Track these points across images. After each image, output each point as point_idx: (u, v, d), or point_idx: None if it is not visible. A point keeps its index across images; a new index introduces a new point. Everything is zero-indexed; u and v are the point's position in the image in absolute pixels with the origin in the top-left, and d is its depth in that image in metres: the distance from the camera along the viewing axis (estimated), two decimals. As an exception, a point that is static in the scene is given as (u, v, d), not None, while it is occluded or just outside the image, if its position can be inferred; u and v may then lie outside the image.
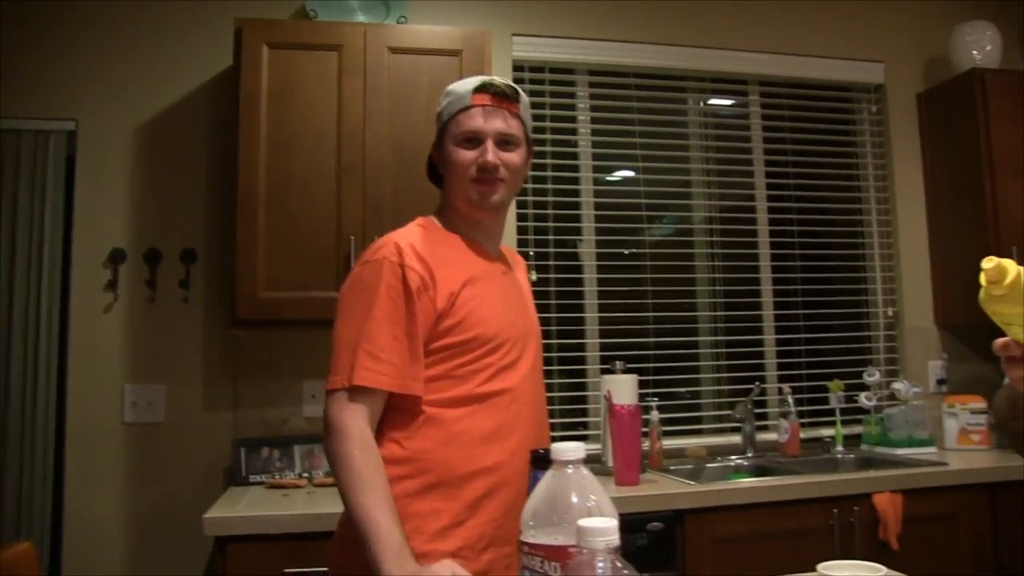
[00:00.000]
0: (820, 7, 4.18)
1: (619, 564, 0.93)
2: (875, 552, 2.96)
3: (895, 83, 4.26)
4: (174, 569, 3.17)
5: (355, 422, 1.67)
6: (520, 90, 1.90)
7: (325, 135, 3.09)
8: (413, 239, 1.80)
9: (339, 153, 3.08)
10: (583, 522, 0.94)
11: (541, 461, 1.12)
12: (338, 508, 2.46)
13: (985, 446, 3.68)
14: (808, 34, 4.14)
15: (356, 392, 1.68)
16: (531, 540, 1.06)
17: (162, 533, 3.20)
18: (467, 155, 1.82)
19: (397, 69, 3.16)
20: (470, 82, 1.86)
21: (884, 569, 1.49)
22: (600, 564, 0.92)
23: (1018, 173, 3.79)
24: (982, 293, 1.17)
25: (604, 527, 0.93)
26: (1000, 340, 1.23)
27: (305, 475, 3.22)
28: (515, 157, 1.86)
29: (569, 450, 1.11)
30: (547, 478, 1.10)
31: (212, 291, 3.35)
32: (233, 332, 3.22)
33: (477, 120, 1.82)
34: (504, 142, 1.84)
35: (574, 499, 1.07)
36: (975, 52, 3.99)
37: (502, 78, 1.89)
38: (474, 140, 1.83)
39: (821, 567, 1.51)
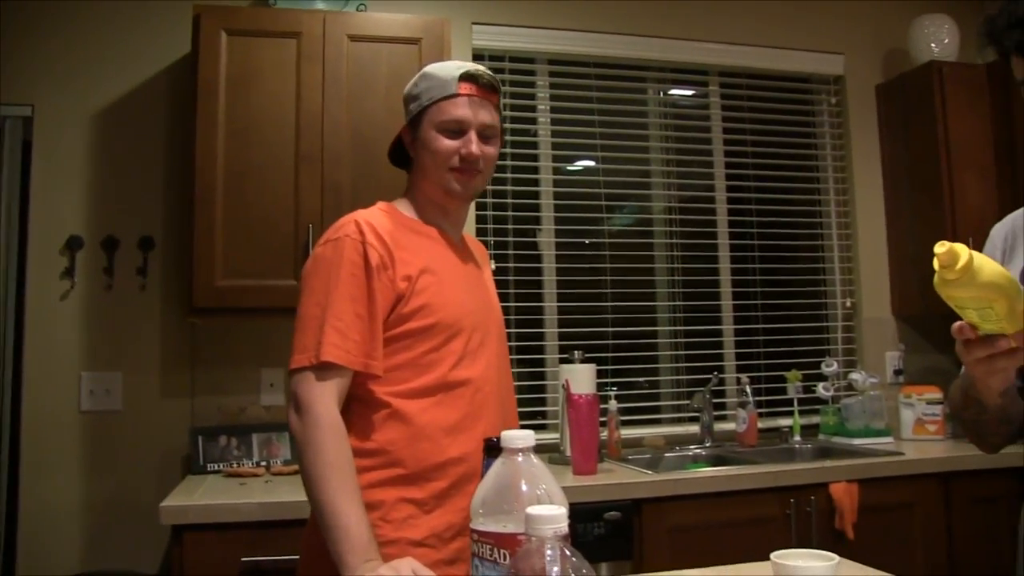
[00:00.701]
0: (777, -1, 4.21)
1: (568, 552, 0.93)
2: (831, 541, 2.99)
3: (854, 75, 4.30)
4: (131, 558, 3.14)
5: (325, 402, 1.65)
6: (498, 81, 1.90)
7: (284, 123, 3.07)
8: (374, 219, 1.79)
9: (297, 141, 3.06)
10: (531, 510, 0.94)
11: (493, 449, 1.12)
12: (296, 496, 2.46)
13: (941, 436, 3.73)
14: (768, 25, 4.16)
15: (323, 370, 1.66)
16: (481, 528, 1.06)
17: (119, 522, 3.17)
18: (450, 144, 1.81)
19: (356, 57, 3.14)
20: (452, 67, 1.84)
21: (837, 558, 1.50)
22: (548, 551, 0.92)
23: (974, 165, 3.84)
24: (936, 278, 1.20)
25: (552, 515, 0.93)
26: (956, 324, 1.26)
27: (263, 464, 3.20)
28: (494, 149, 1.86)
29: (519, 438, 1.10)
30: (496, 466, 1.11)
31: (170, 279, 3.32)
32: (191, 320, 3.20)
33: (463, 110, 1.81)
34: (485, 135, 1.84)
35: (524, 487, 1.07)
36: (933, 45, 4.03)
37: (484, 67, 1.88)
38: (458, 130, 1.81)
39: (774, 556, 1.52)
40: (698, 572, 1.73)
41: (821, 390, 3.87)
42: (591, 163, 3.97)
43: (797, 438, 3.80)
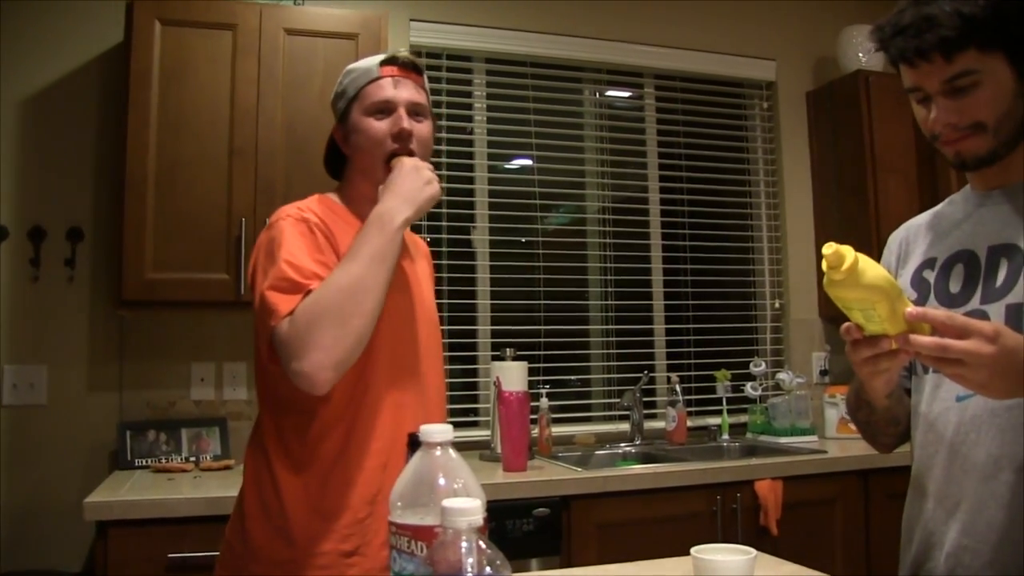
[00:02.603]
0: (715, 5, 4.27)
1: (483, 544, 0.94)
2: (755, 537, 3.05)
3: (786, 81, 4.38)
4: (56, 555, 3.09)
5: None
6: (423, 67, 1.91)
7: (217, 116, 3.04)
8: (312, 206, 1.80)
9: (231, 135, 3.04)
10: (447, 502, 0.95)
11: (415, 444, 1.13)
12: (225, 491, 2.45)
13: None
14: (703, 30, 4.23)
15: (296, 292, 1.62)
16: (398, 520, 1.07)
17: (42, 520, 3.12)
18: (380, 125, 1.80)
19: (292, 51, 3.12)
20: (372, 58, 1.86)
21: (754, 552, 1.54)
22: (464, 543, 0.93)
23: (897, 170, 3.96)
24: (825, 279, 1.25)
25: (468, 507, 0.94)
26: (844, 325, 1.31)
27: (192, 459, 3.17)
28: (425, 128, 1.86)
29: (437, 432, 1.12)
30: (415, 460, 1.12)
31: (99, 271, 3.27)
32: (120, 312, 3.16)
33: (387, 90, 1.81)
34: (415, 112, 1.84)
35: (441, 481, 1.08)
36: (861, 54, 4.13)
37: (405, 52, 1.89)
38: (386, 110, 1.81)
39: (695, 550, 1.56)
40: (620, 568, 1.76)
41: (749, 389, 3.94)
42: (528, 162, 3.99)
43: (725, 436, 3.87)
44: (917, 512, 1.55)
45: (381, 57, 1.85)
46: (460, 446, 3.69)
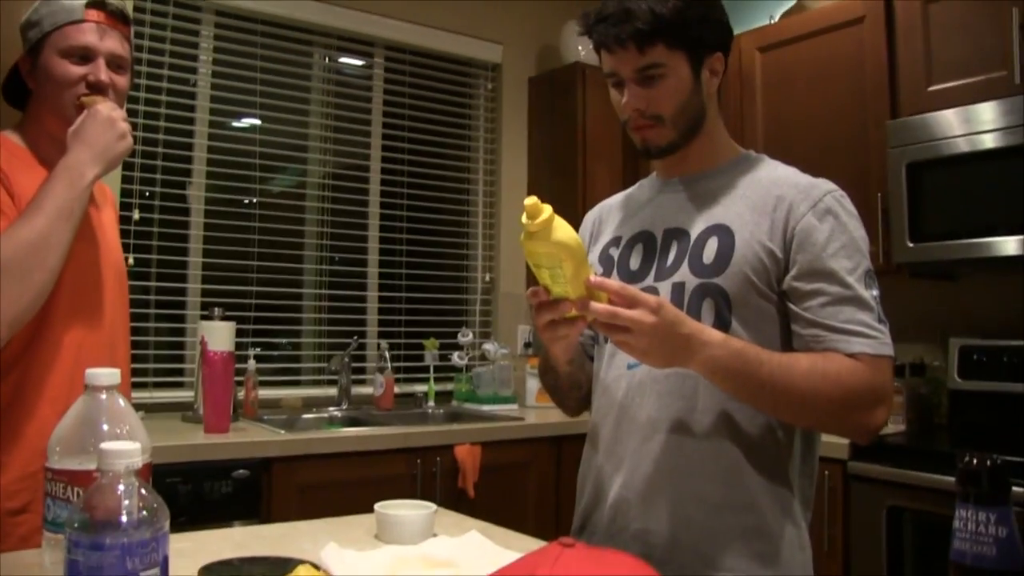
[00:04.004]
0: (448, -18, 4.34)
1: (144, 490, 0.93)
2: (453, 499, 3.17)
3: (511, 65, 4.54)
4: None
5: None
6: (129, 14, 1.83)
7: None
8: None
9: None
10: (104, 444, 0.92)
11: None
12: None
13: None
14: (437, 7, 4.28)
15: None
16: (55, 466, 1.04)
17: None
18: (75, 70, 1.72)
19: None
20: None
21: (434, 506, 1.64)
22: (121, 487, 0.91)
23: (605, 159, 4.24)
24: (523, 233, 1.34)
25: (125, 449, 0.92)
26: (531, 288, 1.43)
27: None
28: (124, 81, 1.79)
29: (103, 375, 1.09)
30: (78, 404, 1.09)
31: None
32: None
33: (89, 36, 1.72)
34: (116, 65, 1.77)
35: (104, 426, 1.06)
36: (580, 47, 4.34)
37: None
38: (84, 56, 1.73)
39: (378, 506, 1.63)
40: (308, 524, 1.81)
41: (456, 358, 4.08)
42: (256, 121, 3.90)
43: (431, 403, 3.99)
44: (588, 467, 1.69)
45: None
46: (163, 407, 3.59)
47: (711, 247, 1.54)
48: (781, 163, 1.65)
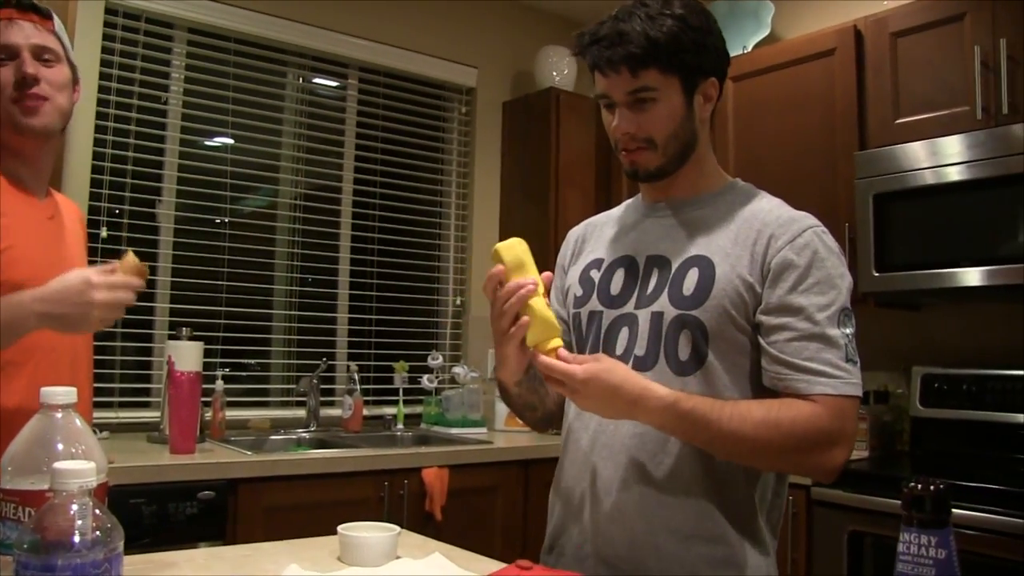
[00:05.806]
0: (425, 5, 4.35)
1: (98, 511, 0.92)
2: (421, 522, 3.16)
3: (485, 89, 4.57)
4: None
5: None
6: (52, 11, 1.80)
7: None
8: None
9: None
10: (57, 464, 0.91)
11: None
12: None
13: (528, 428, 4.07)
14: (412, 29, 4.31)
15: None
16: (7, 486, 1.02)
17: None
18: (2, 72, 1.70)
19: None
20: None
21: (398, 528, 1.64)
22: (74, 507, 0.90)
23: (577, 184, 4.27)
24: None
25: (80, 468, 0.91)
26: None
27: None
28: (57, 73, 1.76)
29: (59, 394, 1.08)
30: (32, 422, 1.07)
31: None
32: None
33: (4, 34, 1.70)
34: (43, 57, 1.74)
35: (59, 445, 1.04)
36: (555, 73, 4.39)
37: None
38: (8, 55, 1.70)
39: (341, 528, 1.63)
40: (271, 545, 1.80)
41: (425, 381, 4.08)
42: (227, 141, 3.89)
43: (400, 426, 3.98)
44: (559, 489, 1.70)
45: None
46: (129, 427, 3.56)
47: (691, 278, 1.54)
48: (768, 194, 1.65)
